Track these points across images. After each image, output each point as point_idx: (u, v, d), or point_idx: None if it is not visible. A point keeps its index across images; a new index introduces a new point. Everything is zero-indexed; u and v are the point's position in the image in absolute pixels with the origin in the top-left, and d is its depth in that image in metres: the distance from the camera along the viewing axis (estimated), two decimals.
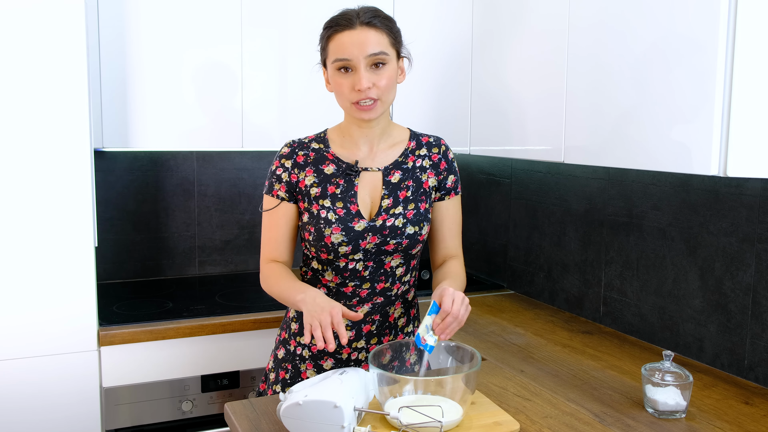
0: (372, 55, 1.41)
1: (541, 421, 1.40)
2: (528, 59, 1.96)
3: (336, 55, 1.43)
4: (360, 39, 1.41)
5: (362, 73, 1.41)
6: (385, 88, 1.44)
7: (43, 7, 1.78)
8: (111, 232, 2.51)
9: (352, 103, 1.45)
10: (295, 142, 1.57)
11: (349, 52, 1.41)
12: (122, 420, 1.99)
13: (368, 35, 1.42)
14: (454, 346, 1.41)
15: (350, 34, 1.42)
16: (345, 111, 1.52)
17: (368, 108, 1.45)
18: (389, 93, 1.47)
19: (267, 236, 1.58)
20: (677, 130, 1.44)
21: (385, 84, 1.44)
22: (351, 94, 1.44)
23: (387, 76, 1.44)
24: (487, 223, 2.70)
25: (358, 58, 1.41)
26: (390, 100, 1.48)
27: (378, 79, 1.43)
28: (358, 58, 1.41)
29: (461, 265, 1.61)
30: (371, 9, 1.46)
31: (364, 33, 1.42)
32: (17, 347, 1.85)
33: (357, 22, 1.42)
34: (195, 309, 2.17)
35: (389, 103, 1.49)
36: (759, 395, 1.57)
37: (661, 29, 1.47)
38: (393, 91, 1.48)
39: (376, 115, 1.47)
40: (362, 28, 1.42)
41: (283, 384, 1.62)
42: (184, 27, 2.12)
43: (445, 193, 1.60)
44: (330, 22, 1.46)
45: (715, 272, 1.73)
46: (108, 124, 2.07)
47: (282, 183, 1.54)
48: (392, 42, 1.46)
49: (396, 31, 1.48)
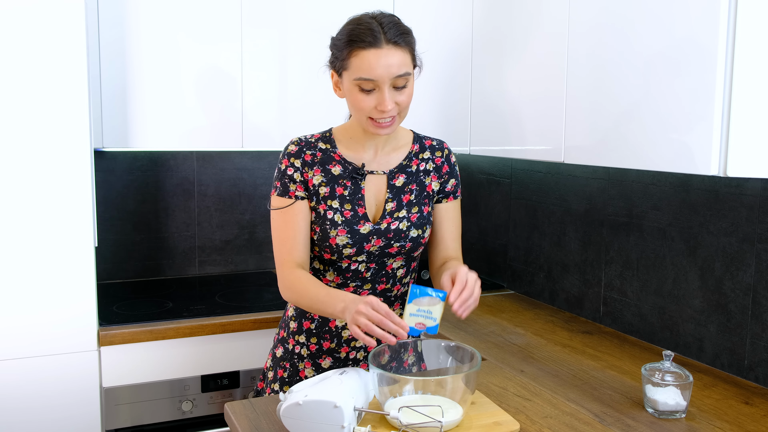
0: (398, 77, 1.40)
1: (541, 421, 1.40)
2: (528, 59, 1.96)
3: (360, 74, 1.39)
4: (387, 61, 1.38)
5: (387, 95, 1.39)
6: (405, 105, 1.44)
7: (43, 8, 1.78)
8: (111, 232, 2.51)
9: (369, 118, 1.44)
10: (302, 141, 1.55)
11: (375, 74, 1.38)
12: (122, 420, 1.99)
13: (395, 56, 1.38)
14: (454, 346, 1.41)
15: (377, 54, 1.37)
16: (358, 122, 1.49)
17: (387, 125, 1.44)
18: (407, 109, 1.46)
19: (283, 236, 1.51)
20: (677, 130, 1.44)
21: (405, 101, 1.44)
22: (372, 112, 1.42)
23: (408, 94, 1.44)
24: (487, 223, 2.70)
25: (383, 80, 1.39)
26: (406, 114, 1.48)
27: (400, 98, 1.42)
28: (383, 79, 1.38)
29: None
30: (393, 21, 1.41)
31: (390, 54, 1.38)
32: (17, 347, 1.85)
33: (383, 40, 1.37)
34: (195, 309, 2.17)
35: (405, 116, 1.49)
36: (759, 395, 1.57)
37: (661, 29, 1.47)
38: (410, 105, 1.47)
39: (393, 131, 1.47)
40: (388, 48, 1.38)
41: (281, 383, 1.62)
42: (184, 27, 2.12)
43: (443, 197, 1.60)
44: (353, 35, 1.40)
45: (715, 272, 1.73)
46: (108, 124, 2.07)
47: (298, 183, 1.51)
48: (412, 58, 1.45)
49: (414, 44, 1.46)
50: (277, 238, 1.52)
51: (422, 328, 1.33)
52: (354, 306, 1.30)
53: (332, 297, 1.39)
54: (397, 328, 1.27)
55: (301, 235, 1.51)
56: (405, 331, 1.28)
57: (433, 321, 1.33)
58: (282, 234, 1.51)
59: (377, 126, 1.44)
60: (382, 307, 1.28)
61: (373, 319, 1.27)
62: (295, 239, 1.50)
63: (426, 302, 1.34)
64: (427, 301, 1.34)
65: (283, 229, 1.51)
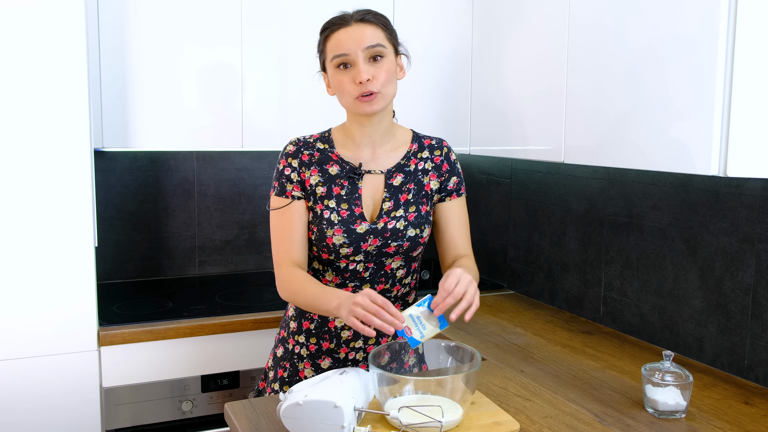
0: (369, 47, 1.44)
1: (541, 421, 1.40)
2: (528, 59, 1.96)
3: (334, 51, 1.45)
4: (356, 34, 1.44)
5: (361, 66, 1.43)
6: (385, 81, 1.45)
7: (43, 8, 1.78)
8: (111, 232, 2.51)
9: (354, 98, 1.45)
10: (300, 141, 1.56)
11: (346, 47, 1.44)
12: (122, 420, 1.99)
13: (364, 30, 1.45)
14: (454, 346, 1.41)
15: (346, 30, 1.45)
16: (347, 110, 1.52)
17: (369, 100, 1.45)
18: (389, 86, 1.47)
19: (281, 236, 1.53)
20: (677, 130, 1.44)
21: (384, 77, 1.45)
22: (352, 89, 1.44)
23: (386, 69, 1.45)
24: (487, 223, 2.70)
25: (355, 52, 1.43)
26: (390, 94, 1.49)
27: (377, 72, 1.44)
28: (355, 51, 1.43)
29: (472, 261, 1.60)
30: (365, 8, 1.50)
31: (359, 28, 1.45)
32: (17, 347, 1.85)
33: (351, 20, 1.46)
34: (195, 309, 2.17)
35: (390, 97, 1.49)
36: (759, 395, 1.57)
37: (661, 29, 1.48)
38: (393, 85, 1.48)
39: (378, 107, 1.47)
40: (357, 24, 1.45)
41: (281, 383, 1.62)
42: (184, 27, 2.12)
43: (446, 195, 1.60)
44: (325, 24, 1.50)
45: (715, 272, 1.73)
46: (108, 124, 2.07)
47: (294, 183, 1.53)
48: (388, 37, 1.48)
49: (391, 27, 1.51)
50: (275, 237, 1.54)
51: (409, 335, 1.32)
52: (349, 301, 1.32)
53: (327, 294, 1.40)
54: (393, 319, 1.27)
55: (299, 234, 1.52)
56: (401, 323, 1.28)
57: (419, 335, 1.32)
58: (280, 234, 1.53)
59: (361, 101, 1.45)
60: (379, 298, 1.29)
61: (370, 310, 1.28)
62: (293, 239, 1.52)
63: (426, 316, 1.33)
64: (426, 315, 1.34)
65: (281, 228, 1.52)
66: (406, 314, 1.32)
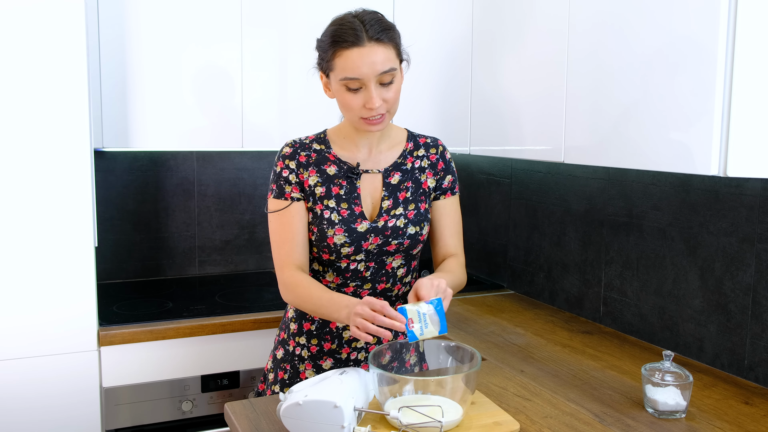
0: (383, 73, 1.40)
1: (541, 421, 1.40)
2: (528, 59, 1.96)
3: (345, 73, 1.40)
4: (370, 58, 1.38)
5: (373, 93, 1.40)
6: (393, 101, 1.45)
7: (43, 7, 1.78)
8: (111, 232, 2.51)
9: (360, 117, 1.44)
10: (296, 142, 1.56)
11: (360, 72, 1.38)
12: (122, 420, 1.99)
13: (378, 53, 1.38)
14: (454, 346, 1.41)
15: (359, 52, 1.37)
16: (349, 121, 1.50)
17: (377, 122, 1.44)
18: (396, 104, 1.47)
19: (281, 238, 1.51)
20: (677, 130, 1.44)
21: (393, 98, 1.44)
22: (361, 110, 1.43)
23: (395, 90, 1.44)
24: (487, 223, 2.70)
25: (369, 77, 1.39)
26: (396, 109, 1.48)
27: (387, 95, 1.42)
28: (369, 77, 1.39)
29: (459, 263, 1.60)
30: (374, 18, 1.42)
31: (373, 51, 1.38)
32: (17, 347, 1.85)
33: (365, 38, 1.38)
34: (195, 309, 2.17)
35: (395, 112, 1.49)
36: (759, 395, 1.57)
37: (661, 30, 1.47)
38: (399, 100, 1.47)
39: (384, 127, 1.48)
40: (371, 45, 1.38)
41: (281, 384, 1.62)
42: (184, 27, 2.12)
43: (440, 193, 1.60)
44: (336, 36, 1.40)
45: (715, 272, 1.73)
46: (108, 124, 2.07)
47: (293, 184, 1.52)
48: (397, 53, 1.45)
49: (399, 39, 1.46)
50: (275, 240, 1.52)
51: (411, 327, 1.31)
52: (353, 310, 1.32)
53: (335, 302, 1.39)
54: (392, 321, 1.27)
55: (299, 236, 1.51)
56: (401, 323, 1.28)
57: (420, 332, 1.32)
58: (280, 236, 1.51)
59: (369, 123, 1.45)
60: (377, 303, 1.29)
61: (367, 317, 1.28)
62: (294, 241, 1.50)
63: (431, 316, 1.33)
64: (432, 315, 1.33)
65: (281, 231, 1.51)
66: (415, 308, 1.32)
